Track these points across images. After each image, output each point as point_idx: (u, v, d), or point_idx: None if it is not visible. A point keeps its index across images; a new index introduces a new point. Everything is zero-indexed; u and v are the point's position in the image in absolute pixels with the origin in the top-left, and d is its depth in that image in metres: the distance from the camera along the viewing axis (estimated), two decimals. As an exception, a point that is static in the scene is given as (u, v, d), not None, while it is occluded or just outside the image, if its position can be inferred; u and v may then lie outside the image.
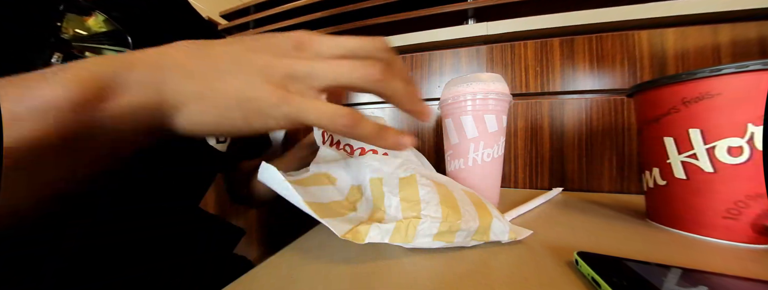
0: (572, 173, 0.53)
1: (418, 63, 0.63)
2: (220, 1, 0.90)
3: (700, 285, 0.17)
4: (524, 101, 0.56)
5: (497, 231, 0.24)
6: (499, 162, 0.42)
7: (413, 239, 0.22)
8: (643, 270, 0.18)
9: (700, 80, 0.25)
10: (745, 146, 0.23)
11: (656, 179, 0.29)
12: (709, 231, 0.26)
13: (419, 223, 0.22)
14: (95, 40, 0.26)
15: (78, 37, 0.25)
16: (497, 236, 0.24)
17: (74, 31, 0.25)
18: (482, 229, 0.24)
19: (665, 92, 0.27)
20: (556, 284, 0.18)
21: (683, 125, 0.26)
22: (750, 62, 0.23)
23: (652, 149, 0.29)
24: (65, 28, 0.24)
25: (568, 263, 0.21)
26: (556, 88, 0.54)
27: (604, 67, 0.51)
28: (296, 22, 0.77)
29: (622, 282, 0.16)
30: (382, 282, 0.19)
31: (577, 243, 0.25)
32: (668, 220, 0.29)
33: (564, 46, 0.53)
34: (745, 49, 0.45)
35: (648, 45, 0.49)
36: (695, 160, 0.26)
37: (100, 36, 0.26)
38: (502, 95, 0.39)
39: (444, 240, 0.23)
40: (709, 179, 0.25)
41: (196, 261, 0.33)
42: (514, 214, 0.33)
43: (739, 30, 0.45)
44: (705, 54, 0.46)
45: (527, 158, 0.56)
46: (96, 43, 0.26)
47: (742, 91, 0.23)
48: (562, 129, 0.54)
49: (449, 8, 0.61)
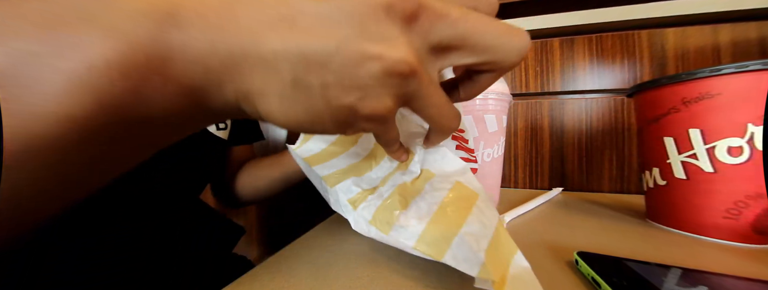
0: (572, 173, 0.53)
1: (418, 63, 0.63)
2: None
3: (700, 285, 0.17)
4: (524, 101, 0.56)
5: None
6: (499, 162, 0.42)
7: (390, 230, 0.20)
8: (643, 270, 0.18)
9: (700, 80, 0.25)
10: (745, 146, 0.23)
11: (656, 179, 0.29)
12: (709, 231, 0.26)
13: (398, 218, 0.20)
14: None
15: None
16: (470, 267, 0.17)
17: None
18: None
19: (665, 92, 0.27)
20: (556, 284, 0.18)
21: (683, 125, 0.26)
22: (750, 62, 0.23)
23: (652, 149, 0.29)
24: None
25: (568, 263, 0.21)
26: (556, 88, 0.54)
27: (604, 68, 0.51)
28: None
29: (622, 282, 0.16)
30: (382, 282, 0.19)
31: (577, 243, 0.25)
32: (668, 220, 0.29)
33: (564, 46, 0.53)
34: (745, 49, 0.45)
35: (648, 45, 0.49)
36: (695, 160, 0.26)
37: None
38: (502, 95, 0.39)
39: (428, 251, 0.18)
40: (709, 179, 0.25)
41: (196, 260, 0.33)
42: (514, 214, 0.33)
43: (739, 30, 0.45)
44: (705, 54, 0.46)
45: (527, 158, 0.56)
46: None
47: (742, 91, 0.23)
48: (562, 129, 0.54)
49: (449, 8, 0.61)
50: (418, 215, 0.20)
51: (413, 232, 0.19)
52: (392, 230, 0.20)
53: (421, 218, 0.19)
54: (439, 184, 0.22)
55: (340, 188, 0.24)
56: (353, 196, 0.23)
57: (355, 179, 0.24)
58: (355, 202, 0.23)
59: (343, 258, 0.23)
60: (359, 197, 0.23)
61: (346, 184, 0.24)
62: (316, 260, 0.22)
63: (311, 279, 0.20)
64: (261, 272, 0.21)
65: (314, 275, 0.20)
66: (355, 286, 0.19)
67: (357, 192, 0.23)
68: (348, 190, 0.23)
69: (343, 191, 0.24)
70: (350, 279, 0.19)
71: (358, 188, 0.23)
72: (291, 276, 0.20)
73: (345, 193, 0.23)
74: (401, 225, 0.20)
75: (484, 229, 0.18)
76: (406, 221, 0.20)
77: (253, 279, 0.20)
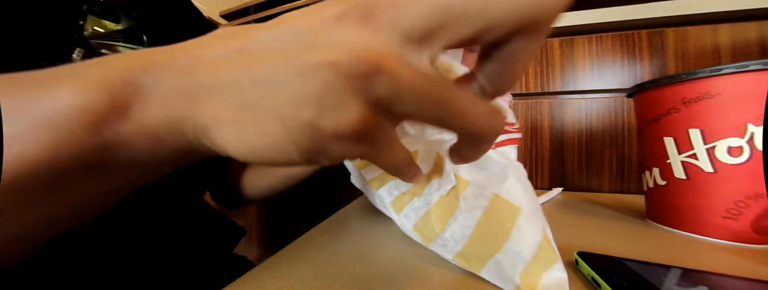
0: (572, 173, 0.53)
1: (418, 63, 0.63)
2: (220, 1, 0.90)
3: (700, 285, 0.17)
4: (524, 101, 0.56)
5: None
6: (499, 162, 0.42)
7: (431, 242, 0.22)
8: (643, 270, 0.18)
9: (700, 80, 0.25)
10: (745, 146, 0.23)
11: (656, 179, 0.29)
12: (709, 230, 0.26)
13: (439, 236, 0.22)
14: (111, 38, 0.26)
15: (96, 34, 0.25)
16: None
17: (93, 28, 0.25)
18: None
19: (665, 92, 0.27)
20: (556, 284, 0.18)
21: (683, 125, 0.26)
22: (750, 62, 0.23)
23: (652, 149, 0.29)
24: (86, 26, 0.25)
25: (568, 263, 0.21)
26: (556, 88, 0.54)
27: (604, 68, 0.51)
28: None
29: (622, 282, 0.16)
30: (382, 282, 0.19)
31: (577, 243, 0.25)
32: (668, 220, 0.29)
33: (564, 46, 0.53)
34: (745, 50, 0.45)
35: (648, 45, 0.49)
36: (695, 160, 0.26)
37: (116, 33, 0.26)
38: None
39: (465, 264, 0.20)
40: (709, 179, 0.25)
41: (197, 260, 0.33)
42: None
43: (739, 30, 0.45)
44: (705, 54, 0.46)
45: (527, 158, 0.56)
46: (111, 40, 0.26)
47: (742, 91, 0.23)
48: (562, 129, 0.54)
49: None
50: (455, 239, 0.21)
51: (452, 249, 0.20)
52: (433, 242, 0.22)
53: (458, 242, 0.21)
54: (474, 201, 0.21)
55: (383, 191, 0.26)
56: (394, 199, 0.25)
57: (395, 182, 0.26)
58: (396, 205, 0.25)
59: (343, 258, 0.23)
60: (400, 200, 0.25)
61: (387, 187, 0.26)
62: (316, 260, 0.22)
63: (311, 279, 0.20)
64: (261, 272, 0.21)
65: (314, 275, 0.20)
66: (355, 286, 0.19)
67: (396, 195, 0.25)
68: (389, 193, 0.25)
69: (387, 194, 0.25)
70: (350, 279, 0.19)
71: (398, 191, 0.25)
72: (291, 276, 0.20)
73: (388, 196, 0.25)
74: (441, 243, 0.21)
75: (521, 253, 0.18)
76: (443, 241, 0.21)
77: (253, 279, 0.20)
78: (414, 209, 0.23)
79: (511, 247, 0.18)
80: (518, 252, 0.18)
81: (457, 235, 0.21)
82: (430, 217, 0.22)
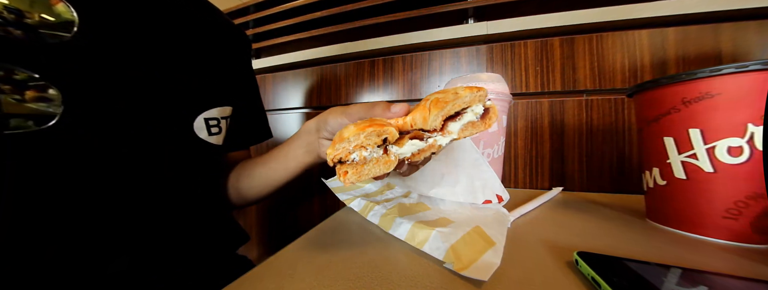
0: (572, 173, 0.53)
1: (418, 63, 0.63)
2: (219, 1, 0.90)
3: (700, 285, 0.17)
4: (524, 101, 0.56)
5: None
6: (499, 162, 0.42)
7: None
8: (643, 270, 0.18)
9: (700, 80, 0.25)
10: (745, 146, 0.23)
11: (656, 179, 0.29)
12: (709, 231, 0.26)
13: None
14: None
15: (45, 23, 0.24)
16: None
17: (40, 16, 0.23)
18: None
19: (665, 92, 0.27)
20: (556, 284, 0.18)
21: (683, 125, 0.26)
22: (750, 62, 0.23)
23: (652, 149, 0.29)
24: (30, 14, 0.23)
25: (568, 263, 0.21)
26: (556, 88, 0.54)
27: (604, 67, 0.51)
28: (296, 22, 0.77)
29: (622, 282, 0.16)
30: (382, 282, 0.19)
31: (577, 243, 0.25)
32: (668, 220, 0.29)
33: (564, 46, 0.53)
34: (745, 50, 0.45)
35: (648, 45, 0.49)
36: (695, 160, 0.26)
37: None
38: (501, 95, 0.39)
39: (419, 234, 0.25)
40: (709, 179, 0.25)
41: (197, 260, 0.33)
42: (516, 214, 0.33)
43: (739, 30, 0.45)
44: (705, 54, 0.46)
45: (527, 158, 0.56)
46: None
47: (742, 91, 0.23)
48: (562, 129, 0.54)
49: (449, 8, 0.61)
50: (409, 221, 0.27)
51: (403, 231, 0.26)
52: (391, 228, 0.28)
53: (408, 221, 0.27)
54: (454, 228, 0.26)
55: (353, 205, 0.35)
56: (361, 208, 0.33)
57: (363, 197, 0.36)
58: (363, 211, 0.33)
59: (343, 258, 0.23)
60: (366, 206, 0.33)
61: (357, 201, 0.34)
62: (316, 260, 0.22)
63: (311, 279, 0.20)
64: (261, 272, 0.21)
65: (314, 275, 0.20)
66: (355, 286, 0.19)
67: (363, 204, 0.33)
68: (358, 205, 0.34)
69: (356, 206, 0.34)
70: (350, 279, 0.19)
71: (365, 200, 0.34)
72: (291, 276, 0.20)
73: (356, 207, 0.34)
74: (397, 228, 0.27)
75: (455, 231, 0.25)
76: (398, 225, 0.27)
77: (253, 279, 0.20)
78: (377, 212, 0.31)
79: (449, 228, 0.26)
80: (453, 230, 0.25)
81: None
82: (392, 214, 0.30)
